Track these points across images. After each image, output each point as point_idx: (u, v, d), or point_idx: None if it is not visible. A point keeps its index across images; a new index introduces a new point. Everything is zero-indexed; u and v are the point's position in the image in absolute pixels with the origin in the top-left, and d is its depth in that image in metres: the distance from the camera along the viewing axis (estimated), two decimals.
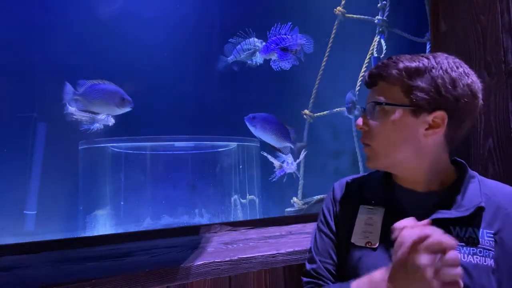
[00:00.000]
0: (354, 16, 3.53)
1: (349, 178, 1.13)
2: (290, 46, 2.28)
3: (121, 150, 3.64)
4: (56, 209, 3.94)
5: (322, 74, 3.64)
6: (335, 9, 3.55)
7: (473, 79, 0.94)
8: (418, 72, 0.92)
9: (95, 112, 3.05)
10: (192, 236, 1.41)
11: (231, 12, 4.22)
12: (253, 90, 2.91)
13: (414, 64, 0.93)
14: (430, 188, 0.96)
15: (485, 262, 0.86)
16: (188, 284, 1.01)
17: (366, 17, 3.50)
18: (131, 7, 4.51)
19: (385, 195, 1.01)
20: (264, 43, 2.45)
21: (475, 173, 1.00)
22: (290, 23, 2.47)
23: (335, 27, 3.54)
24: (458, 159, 1.03)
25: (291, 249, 1.15)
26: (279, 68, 2.45)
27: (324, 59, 3.57)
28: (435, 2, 1.72)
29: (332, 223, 1.08)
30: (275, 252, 1.11)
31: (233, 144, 3.67)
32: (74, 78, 4.03)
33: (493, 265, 0.85)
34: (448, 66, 0.92)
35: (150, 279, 0.93)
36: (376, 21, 3.43)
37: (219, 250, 1.15)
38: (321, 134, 4.15)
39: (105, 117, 3.12)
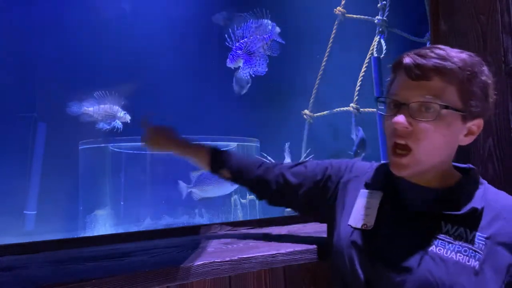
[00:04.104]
0: (354, 16, 3.53)
1: (371, 165, 1.12)
2: (255, 46, 2.23)
3: (121, 150, 3.64)
4: (56, 209, 3.94)
5: (322, 74, 3.64)
6: (335, 9, 3.55)
7: (492, 80, 0.93)
8: (472, 73, 0.87)
9: (111, 113, 3.07)
10: (192, 236, 1.41)
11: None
12: (253, 89, 2.91)
13: (466, 62, 0.87)
14: (431, 184, 0.95)
15: (468, 262, 0.85)
16: (188, 284, 1.01)
17: (366, 17, 3.50)
18: (131, 7, 4.51)
19: (387, 182, 1.01)
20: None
21: (483, 181, 0.98)
22: (251, 20, 2.41)
23: (335, 27, 3.54)
24: (471, 166, 1.01)
25: (291, 249, 1.15)
26: (250, 76, 2.39)
27: (324, 59, 3.57)
28: (435, 2, 1.72)
29: (328, 182, 1.12)
30: (275, 252, 1.11)
31: (233, 144, 3.67)
32: (74, 78, 4.03)
33: (476, 267, 0.84)
34: (484, 69, 0.90)
35: (150, 279, 0.93)
36: (376, 21, 3.43)
37: (219, 250, 1.15)
38: (321, 134, 4.16)
39: (123, 115, 3.14)
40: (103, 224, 3.58)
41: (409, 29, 3.41)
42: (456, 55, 0.87)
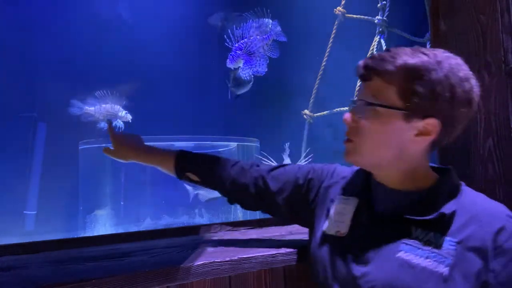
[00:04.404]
0: (354, 16, 3.53)
1: (350, 170, 1.12)
2: (255, 47, 2.21)
3: None
4: (56, 209, 3.95)
5: (322, 74, 3.64)
6: (335, 9, 3.55)
7: (472, 83, 0.88)
8: (417, 73, 0.85)
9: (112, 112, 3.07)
10: (192, 236, 1.41)
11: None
12: (253, 89, 2.91)
13: (413, 62, 0.86)
14: (402, 187, 0.94)
15: (436, 268, 0.83)
16: (188, 284, 1.01)
17: (366, 17, 3.50)
18: (131, 7, 4.51)
19: (362, 186, 1.01)
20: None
21: (462, 184, 0.96)
22: (250, 21, 2.39)
23: (335, 27, 3.54)
24: (449, 167, 0.98)
25: (291, 249, 1.15)
26: (251, 76, 2.37)
27: (324, 59, 3.57)
28: (435, 2, 1.72)
29: (310, 186, 1.11)
30: (275, 252, 1.11)
31: (233, 144, 3.67)
32: (75, 78, 4.03)
33: (445, 273, 0.82)
34: (449, 69, 0.86)
35: (150, 279, 0.93)
36: (376, 21, 3.43)
37: (219, 250, 1.15)
38: (321, 134, 4.16)
39: (125, 114, 3.15)
40: (103, 224, 3.58)
41: (409, 29, 3.41)
42: (404, 58, 0.86)
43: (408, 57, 0.87)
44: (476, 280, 0.82)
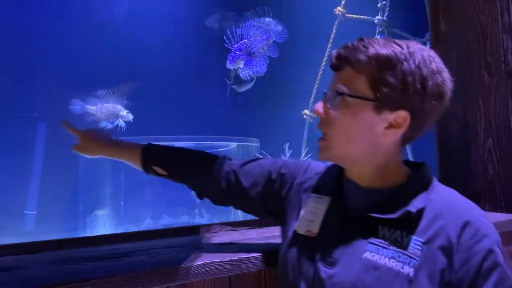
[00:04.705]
0: (354, 16, 3.53)
1: (324, 166, 1.08)
2: (255, 47, 2.20)
3: None
4: (56, 209, 3.95)
5: (322, 74, 3.64)
6: (335, 9, 3.55)
7: (444, 77, 0.86)
8: (388, 63, 0.83)
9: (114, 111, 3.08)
10: (192, 236, 1.41)
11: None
12: (253, 89, 2.91)
13: (385, 52, 0.83)
14: (373, 185, 0.90)
15: (402, 269, 0.80)
16: (188, 284, 1.01)
17: (366, 17, 3.50)
18: (131, 7, 4.51)
19: (335, 185, 0.97)
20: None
21: (433, 179, 0.92)
22: (249, 22, 2.38)
23: (335, 27, 3.54)
24: (423, 162, 0.96)
25: None
26: (250, 77, 2.36)
27: (324, 59, 3.57)
28: (435, 2, 1.72)
29: (282, 182, 1.07)
30: (275, 252, 1.11)
31: (233, 144, 3.67)
32: (75, 78, 4.03)
33: (411, 274, 0.79)
34: (421, 60, 0.83)
35: (150, 279, 0.93)
36: (376, 21, 3.43)
37: (219, 250, 1.15)
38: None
39: (126, 114, 3.15)
40: (103, 224, 3.59)
41: (409, 29, 3.41)
42: (376, 47, 0.84)
43: (380, 47, 0.84)
44: (440, 280, 0.79)
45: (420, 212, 0.84)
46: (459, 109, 1.68)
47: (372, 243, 0.84)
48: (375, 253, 0.83)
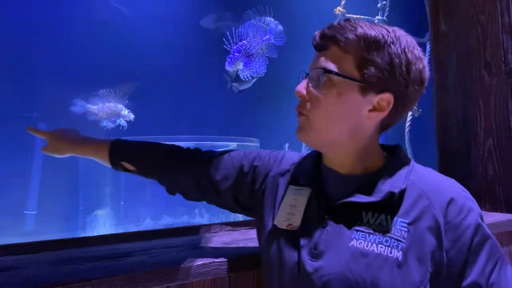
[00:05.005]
0: (354, 16, 3.53)
1: (299, 156, 1.04)
2: (254, 49, 2.19)
3: None
4: (56, 209, 3.95)
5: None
6: (335, 9, 3.55)
7: (424, 64, 0.86)
8: (376, 44, 0.82)
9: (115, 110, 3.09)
10: (192, 236, 1.41)
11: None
12: (253, 89, 2.92)
13: (373, 33, 0.82)
14: (353, 171, 0.89)
15: (390, 253, 0.78)
16: (188, 284, 1.01)
17: (366, 17, 3.50)
18: (131, 7, 4.51)
19: (313, 175, 0.94)
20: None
21: (410, 161, 0.91)
22: (248, 22, 2.37)
23: None
24: (397, 144, 0.94)
25: None
26: (251, 77, 2.35)
27: None
28: (435, 2, 1.72)
29: (255, 174, 1.03)
30: None
31: (233, 144, 3.67)
32: (75, 78, 4.03)
33: (400, 258, 0.77)
34: (406, 45, 0.83)
35: (150, 279, 0.93)
36: (376, 21, 3.43)
37: (219, 250, 1.15)
38: None
39: (128, 113, 3.16)
40: (103, 224, 3.59)
41: (409, 29, 3.41)
42: (364, 28, 0.83)
43: (368, 28, 0.83)
44: (431, 261, 0.77)
45: (402, 193, 0.82)
46: (459, 109, 1.68)
47: (357, 230, 0.82)
48: (362, 240, 0.80)
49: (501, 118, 1.47)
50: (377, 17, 3.43)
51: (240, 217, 1.40)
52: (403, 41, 0.84)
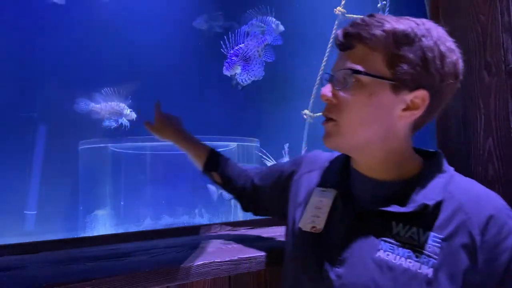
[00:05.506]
0: (354, 16, 3.52)
1: (326, 158, 1.02)
2: (251, 52, 2.18)
3: (121, 150, 3.64)
4: (56, 209, 3.95)
5: (322, 73, 3.64)
6: (335, 9, 3.55)
7: (458, 56, 0.81)
8: (406, 38, 0.76)
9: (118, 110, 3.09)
10: (192, 236, 1.41)
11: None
12: (253, 90, 2.92)
13: (402, 27, 0.77)
14: (385, 177, 0.83)
15: (419, 269, 0.73)
16: (188, 284, 1.01)
17: None
18: (131, 7, 4.51)
19: (340, 178, 0.91)
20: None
21: (449, 168, 0.84)
22: (244, 26, 2.37)
23: (335, 27, 3.54)
24: (437, 151, 0.88)
25: None
26: (248, 80, 2.33)
27: (324, 59, 3.56)
28: (435, 2, 1.72)
29: (285, 179, 1.06)
30: (275, 252, 1.11)
31: (233, 144, 3.67)
32: (75, 78, 4.03)
33: (430, 275, 0.72)
34: (438, 37, 0.78)
35: (150, 279, 0.93)
36: None
37: (219, 250, 1.15)
38: (321, 134, 4.16)
39: (130, 113, 3.16)
40: (103, 224, 3.58)
41: None
42: (392, 23, 0.78)
43: (395, 22, 0.78)
44: (463, 281, 0.72)
45: (438, 205, 0.77)
46: (459, 109, 1.68)
47: (385, 241, 0.77)
48: (390, 252, 0.76)
49: (501, 118, 1.47)
50: None
51: (240, 217, 1.40)
52: (434, 33, 0.79)
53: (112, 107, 3.15)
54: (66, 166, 3.81)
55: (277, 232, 1.43)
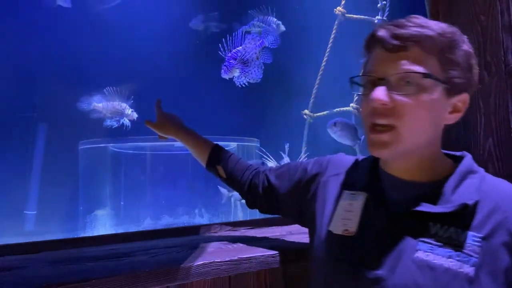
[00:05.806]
0: (354, 16, 3.53)
1: (351, 160, 1.02)
2: (249, 55, 2.17)
3: (121, 150, 3.64)
4: (56, 209, 3.95)
5: (322, 74, 3.64)
6: (335, 9, 3.55)
7: (476, 60, 0.84)
8: (454, 42, 0.77)
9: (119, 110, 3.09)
10: (192, 236, 1.41)
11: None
12: (253, 90, 2.92)
13: (449, 30, 0.77)
14: (419, 178, 0.83)
15: (460, 268, 0.73)
16: (188, 284, 1.01)
17: (366, 17, 3.50)
18: (131, 7, 4.51)
19: (370, 180, 0.90)
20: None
21: (479, 169, 0.85)
22: (241, 28, 2.36)
23: (335, 27, 3.54)
24: (464, 153, 0.88)
25: (291, 249, 1.15)
26: (247, 83, 2.32)
27: (324, 59, 3.56)
28: (435, 2, 1.72)
29: (308, 181, 1.04)
30: (275, 252, 1.11)
31: (233, 144, 3.67)
32: (75, 78, 4.03)
33: (471, 274, 0.72)
34: (465, 38, 0.80)
35: (150, 279, 0.93)
36: (376, 21, 3.43)
37: (219, 250, 1.15)
38: (321, 134, 4.16)
39: (131, 112, 3.16)
40: (103, 224, 3.58)
41: None
42: (434, 23, 0.79)
43: (436, 26, 0.78)
44: (505, 279, 0.72)
45: (475, 205, 0.77)
46: None
47: (424, 241, 0.77)
48: (429, 252, 0.76)
49: (501, 118, 1.47)
50: (377, 17, 3.43)
51: (240, 218, 1.40)
52: (462, 36, 0.81)
53: (114, 107, 3.15)
54: (66, 166, 3.81)
55: (277, 232, 1.43)
